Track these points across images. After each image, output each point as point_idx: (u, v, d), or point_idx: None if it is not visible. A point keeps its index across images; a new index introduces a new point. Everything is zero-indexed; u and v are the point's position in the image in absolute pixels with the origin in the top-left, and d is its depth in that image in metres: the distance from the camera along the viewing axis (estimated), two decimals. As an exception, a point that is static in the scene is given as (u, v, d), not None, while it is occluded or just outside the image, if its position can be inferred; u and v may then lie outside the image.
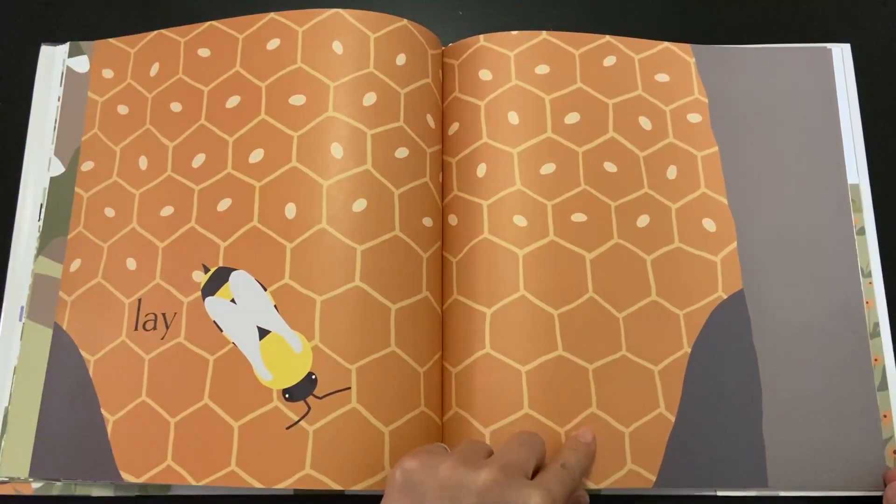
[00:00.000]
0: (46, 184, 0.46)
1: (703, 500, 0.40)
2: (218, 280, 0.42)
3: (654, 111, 0.45)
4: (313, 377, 0.39)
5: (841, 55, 0.48)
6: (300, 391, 0.39)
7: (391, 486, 0.34)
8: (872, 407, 0.41)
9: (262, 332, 0.40)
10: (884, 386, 0.41)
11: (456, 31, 0.49)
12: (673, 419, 0.40)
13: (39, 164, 0.46)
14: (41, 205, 0.45)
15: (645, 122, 0.45)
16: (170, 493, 0.41)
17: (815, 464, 0.40)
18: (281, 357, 0.39)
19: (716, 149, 0.45)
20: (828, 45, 0.48)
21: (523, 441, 0.36)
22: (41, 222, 0.45)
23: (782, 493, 0.40)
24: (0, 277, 0.44)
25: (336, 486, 0.37)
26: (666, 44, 0.47)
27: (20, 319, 0.43)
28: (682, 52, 0.47)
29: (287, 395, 0.39)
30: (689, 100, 0.46)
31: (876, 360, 0.42)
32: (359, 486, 0.38)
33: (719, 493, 0.40)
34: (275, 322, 0.40)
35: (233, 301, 0.41)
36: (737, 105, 0.46)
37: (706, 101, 0.46)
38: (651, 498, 0.41)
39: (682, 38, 0.47)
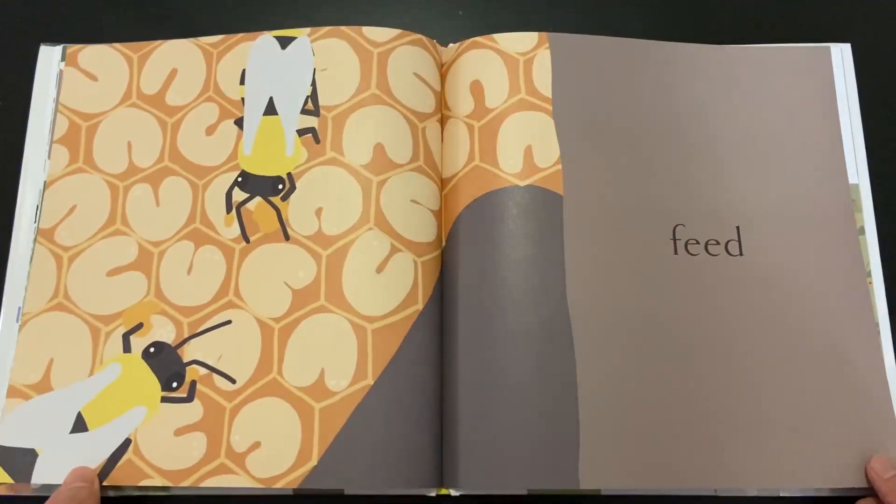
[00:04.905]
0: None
1: (702, 501, 0.41)
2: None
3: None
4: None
5: (841, 55, 0.48)
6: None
7: None
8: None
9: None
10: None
11: (456, 31, 0.49)
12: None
13: (38, 164, 0.46)
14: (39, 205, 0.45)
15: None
16: (170, 494, 0.41)
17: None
18: None
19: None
20: (828, 45, 0.48)
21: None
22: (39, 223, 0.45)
23: (783, 494, 0.40)
24: (-1, 278, 0.44)
25: (336, 486, 0.37)
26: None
27: (17, 321, 0.43)
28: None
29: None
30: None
31: None
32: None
33: (719, 494, 0.40)
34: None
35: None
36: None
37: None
38: (651, 498, 0.41)
39: (682, 38, 0.47)
